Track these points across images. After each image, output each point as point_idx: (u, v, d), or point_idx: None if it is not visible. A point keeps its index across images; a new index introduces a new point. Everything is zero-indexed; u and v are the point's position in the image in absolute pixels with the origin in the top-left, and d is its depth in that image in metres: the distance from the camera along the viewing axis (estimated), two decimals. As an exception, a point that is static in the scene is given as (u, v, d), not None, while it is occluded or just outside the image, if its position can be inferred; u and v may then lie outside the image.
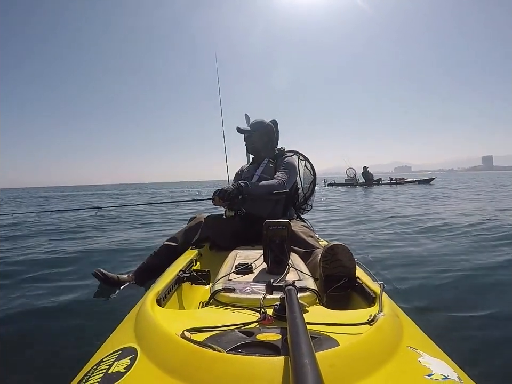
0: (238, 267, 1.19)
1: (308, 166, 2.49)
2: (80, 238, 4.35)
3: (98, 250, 3.44)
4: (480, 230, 4.01)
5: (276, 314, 0.77)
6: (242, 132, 2.32)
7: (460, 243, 3.35)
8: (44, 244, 3.90)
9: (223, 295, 0.97)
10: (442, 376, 0.58)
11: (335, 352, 0.58)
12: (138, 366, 0.60)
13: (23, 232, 5.00)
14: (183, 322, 0.78)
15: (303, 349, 0.44)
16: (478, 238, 3.54)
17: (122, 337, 0.77)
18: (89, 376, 0.62)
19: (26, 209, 10.69)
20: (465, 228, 4.21)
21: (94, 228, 5.31)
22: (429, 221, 5.00)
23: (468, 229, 4.12)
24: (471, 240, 3.47)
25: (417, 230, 4.24)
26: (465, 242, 3.37)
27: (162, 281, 1.18)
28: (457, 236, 3.71)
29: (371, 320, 0.74)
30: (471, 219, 4.92)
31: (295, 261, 1.34)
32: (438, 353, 0.74)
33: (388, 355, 0.62)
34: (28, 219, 6.44)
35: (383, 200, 9.98)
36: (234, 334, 0.69)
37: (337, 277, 1.20)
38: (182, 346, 0.60)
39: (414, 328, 0.88)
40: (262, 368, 0.53)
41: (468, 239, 3.54)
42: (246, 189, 1.93)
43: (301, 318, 0.57)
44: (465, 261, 2.64)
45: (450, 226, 4.39)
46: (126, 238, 4.23)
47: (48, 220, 6.47)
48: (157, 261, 1.94)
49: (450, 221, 4.86)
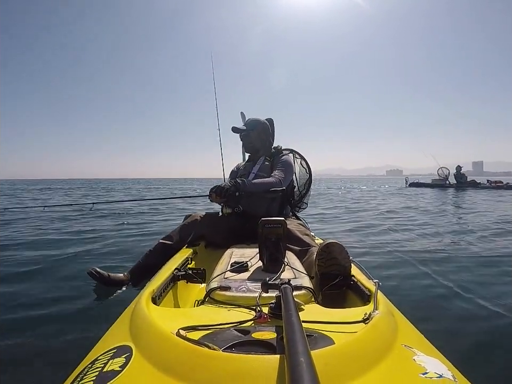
0: (233, 265, 1.19)
1: (304, 164, 2.49)
2: (74, 235, 4.32)
3: (93, 248, 3.42)
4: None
5: (271, 312, 0.77)
6: (238, 131, 2.30)
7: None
8: (36, 240, 3.86)
9: (219, 293, 0.97)
10: (437, 374, 0.58)
11: (330, 351, 0.58)
12: (133, 364, 0.60)
13: (15, 228, 4.96)
14: (178, 320, 0.77)
15: (299, 347, 0.44)
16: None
17: (117, 336, 0.77)
18: (84, 374, 0.61)
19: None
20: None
21: (89, 224, 5.28)
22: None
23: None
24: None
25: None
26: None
27: (158, 279, 1.18)
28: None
29: (366, 318, 0.74)
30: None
31: (291, 259, 1.34)
32: (433, 352, 0.74)
33: (383, 353, 0.62)
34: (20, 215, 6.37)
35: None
36: (230, 332, 0.68)
37: (332, 275, 1.20)
38: (177, 344, 0.60)
39: (409, 327, 0.89)
40: (258, 366, 0.53)
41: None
42: (243, 186, 1.93)
43: (296, 316, 0.57)
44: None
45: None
46: (122, 235, 4.21)
47: (42, 215, 6.41)
48: (152, 260, 1.93)
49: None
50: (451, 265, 2.63)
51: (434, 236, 4.07)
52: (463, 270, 2.48)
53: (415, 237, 4.00)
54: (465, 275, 2.35)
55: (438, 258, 2.83)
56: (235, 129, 2.28)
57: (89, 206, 3.00)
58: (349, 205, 9.25)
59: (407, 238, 3.95)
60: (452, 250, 3.18)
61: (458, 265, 2.61)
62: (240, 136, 2.34)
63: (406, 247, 3.37)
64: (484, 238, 3.82)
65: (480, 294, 1.93)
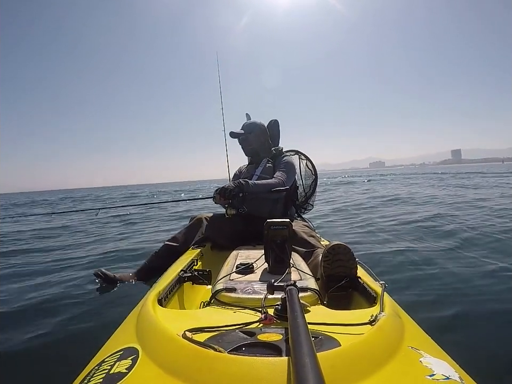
0: (239, 267, 1.19)
1: (309, 165, 2.49)
2: (79, 237, 4.35)
3: (101, 250, 3.44)
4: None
5: (277, 314, 0.77)
6: (236, 136, 2.29)
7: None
8: (46, 244, 3.91)
9: (225, 295, 0.97)
10: (444, 376, 0.58)
11: (336, 353, 0.57)
12: (139, 366, 0.60)
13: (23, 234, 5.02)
14: (184, 322, 0.78)
15: (304, 349, 0.44)
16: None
17: (124, 338, 0.78)
18: (91, 376, 0.62)
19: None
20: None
21: (96, 228, 5.32)
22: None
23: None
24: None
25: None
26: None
27: (164, 281, 1.18)
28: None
29: (372, 320, 0.74)
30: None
31: (296, 260, 1.34)
32: (440, 354, 0.73)
33: (389, 355, 0.62)
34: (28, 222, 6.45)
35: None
36: (235, 334, 0.68)
37: (338, 276, 1.20)
38: (183, 346, 0.60)
39: (415, 328, 0.88)
40: (263, 368, 0.53)
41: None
42: (246, 187, 1.93)
43: (302, 318, 0.56)
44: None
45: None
46: (129, 239, 4.24)
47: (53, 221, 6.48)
48: (158, 261, 1.94)
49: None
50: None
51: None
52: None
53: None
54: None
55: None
56: (233, 134, 2.28)
57: (95, 211, 3.04)
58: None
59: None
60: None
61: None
62: (238, 141, 2.34)
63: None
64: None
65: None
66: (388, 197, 8.41)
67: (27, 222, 6.62)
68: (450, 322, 1.59)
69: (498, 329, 1.52)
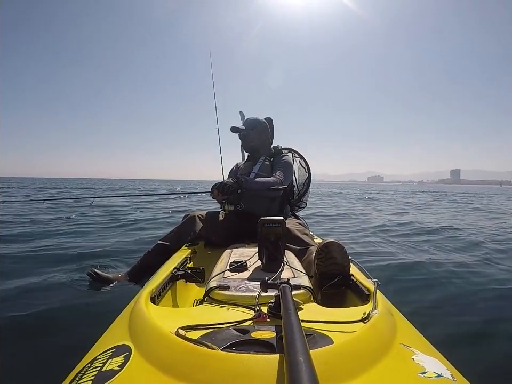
0: (232, 264, 1.19)
1: (303, 163, 2.49)
2: (73, 235, 4.31)
3: (92, 249, 3.41)
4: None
5: (270, 312, 0.77)
6: (238, 131, 2.27)
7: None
8: (35, 239, 3.85)
9: (218, 293, 0.97)
10: (436, 374, 0.58)
11: (329, 350, 0.58)
12: (132, 363, 0.60)
13: (14, 224, 4.94)
14: (177, 320, 0.77)
15: (298, 347, 0.44)
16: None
17: (116, 335, 0.77)
18: (82, 374, 0.61)
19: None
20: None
21: (88, 225, 5.27)
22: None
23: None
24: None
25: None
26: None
27: (157, 279, 1.18)
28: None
29: (365, 317, 0.74)
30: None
31: (290, 258, 1.34)
32: (432, 351, 0.74)
33: (382, 353, 0.62)
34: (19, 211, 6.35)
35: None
36: (229, 332, 0.68)
37: (331, 274, 1.20)
38: (176, 344, 0.60)
39: (407, 326, 0.89)
40: (257, 365, 0.53)
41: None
42: (245, 184, 1.92)
43: (295, 316, 0.57)
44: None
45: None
46: (123, 237, 4.20)
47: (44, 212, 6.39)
48: (150, 260, 1.93)
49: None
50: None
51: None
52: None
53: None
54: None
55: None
56: (234, 129, 2.25)
57: (90, 200, 3.01)
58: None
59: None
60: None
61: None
62: (239, 136, 2.33)
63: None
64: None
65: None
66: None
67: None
68: (439, 316, 1.61)
69: (491, 327, 1.54)
